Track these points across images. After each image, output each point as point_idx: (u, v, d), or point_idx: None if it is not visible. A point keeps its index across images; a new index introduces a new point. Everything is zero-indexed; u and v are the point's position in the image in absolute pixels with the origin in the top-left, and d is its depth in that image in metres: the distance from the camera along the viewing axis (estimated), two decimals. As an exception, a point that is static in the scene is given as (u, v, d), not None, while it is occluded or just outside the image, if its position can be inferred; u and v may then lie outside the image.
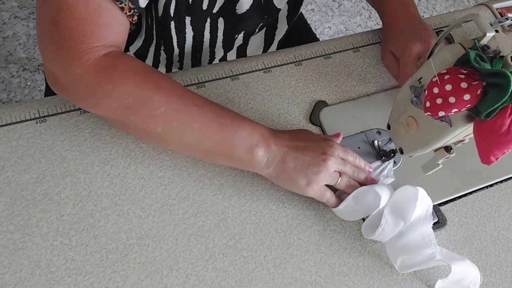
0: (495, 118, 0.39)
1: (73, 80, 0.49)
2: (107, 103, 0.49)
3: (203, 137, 0.51)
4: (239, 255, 0.54)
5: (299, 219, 0.57)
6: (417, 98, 0.48)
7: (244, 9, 0.64)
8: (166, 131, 0.50)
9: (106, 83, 0.48)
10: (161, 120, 0.50)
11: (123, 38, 0.53)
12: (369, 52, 0.71)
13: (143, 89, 0.49)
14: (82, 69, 0.48)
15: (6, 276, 0.48)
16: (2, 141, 0.55)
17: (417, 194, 0.53)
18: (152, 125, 0.50)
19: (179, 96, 0.51)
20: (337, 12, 1.78)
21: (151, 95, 0.49)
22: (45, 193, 0.53)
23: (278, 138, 0.54)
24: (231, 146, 0.52)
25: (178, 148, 0.54)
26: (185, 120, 0.50)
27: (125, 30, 0.52)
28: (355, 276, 0.55)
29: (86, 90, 0.49)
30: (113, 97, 0.49)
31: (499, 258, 0.60)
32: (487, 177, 0.65)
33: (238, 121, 0.53)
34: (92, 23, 0.47)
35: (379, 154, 0.63)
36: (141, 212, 0.54)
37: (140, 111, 0.50)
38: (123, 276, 0.50)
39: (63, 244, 0.51)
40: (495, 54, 0.41)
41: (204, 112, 0.51)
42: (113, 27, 0.49)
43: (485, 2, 0.81)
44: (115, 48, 0.51)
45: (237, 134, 0.52)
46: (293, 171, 0.53)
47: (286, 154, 0.53)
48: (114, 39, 0.50)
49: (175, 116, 0.50)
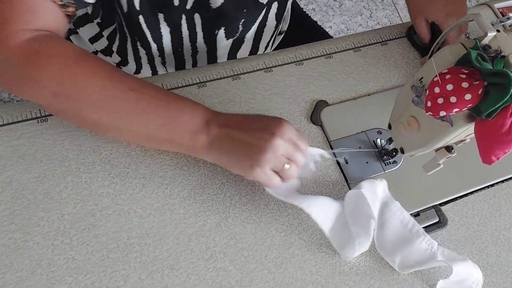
0: (496, 118, 0.39)
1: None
2: (34, 90, 0.47)
3: (142, 123, 0.48)
4: (239, 254, 0.54)
5: (300, 219, 0.57)
6: (418, 97, 0.48)
7: (218, 2, 0.61)
8: (102, 118, 0.48)
9: (31, 68, 0.46)
10: (96, 107, 0.47)
11: (57, 27, 0.50)
12: (370, 52, 0.71)
13: (73, 75, 0.46)
14: (7, 54, 0.46)
15: (7, 275, 0.48)
16: (3, 141, 0.55)
17: (362, 193, 0.53)
18: (86, 112, 0.47)
19: (114, 81, 0.48)
20: (338, 12, 1.78)
21: (83, 80, 0.46)
22: (46, 192, 0.53)
23: (220, 120, 0.50)
24: (172, 131, 0.49)
25: (117, 135, 0.52)
26: (121, 106, 0.48)
27: (59, 18, 0.49)
28: (356, 275, 0.55)
29: (12, 76, 0.47)
30: (41, 84, 0.46)
31: (500, 258, 0.60)
32: (488, 177, 0.65)
33: (178, 104, 0.50)
34: (17, 8, 0.45)
35: (380, 153, 0.63)
36: (142, 211, 0.54)
37: (71, 98, 0.46)
38: (124, 275, 0.51)
39: (64, 244, 0.51)
40: (497, 54, 0.41)
41: (141, 97, 0.48)
42: (41, 13, 0.47)
43: (487, 1, 0.81)
44: (44, 32, 0.48)
45: (177, 119, 0.49)
46: (236, 153, 0.49)
47: (228, 136, 0.49)
48: (42, 24, 0.47)
49: (109, 103, 0.47)
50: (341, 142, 0.63)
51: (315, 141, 0.62)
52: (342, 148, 0.60)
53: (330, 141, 0.63)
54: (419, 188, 0.62)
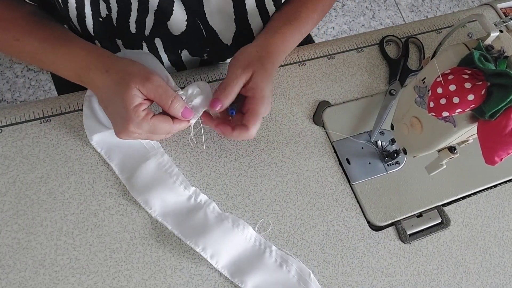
0: (500, 119, 0.39)
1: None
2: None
3: (34, 64, 0.55)
4: (242, 255, 0.54)
5: (302, 219, 0.57)
6: (421, 98, 0.48)
7: (178, 31, 0.59)
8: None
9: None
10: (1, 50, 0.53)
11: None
12: (372, 52, 0.71)
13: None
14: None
15: (10, 275, 0.49)
16: (7, 141, 0.55)
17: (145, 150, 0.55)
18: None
19: (2, 31, 0.52)
20: (341, 12, 1.78)
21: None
22: (49, 192, 0.53)
23: (90, 85, 0.52)
24: (57, 73, 0.54)
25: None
26: (14, 55, 0.54)
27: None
28: (358, 276, 0.55)
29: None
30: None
31: (503, 259, 0.60)
32: (491, 177, 0.65)
33: (57, 55, 0.52)
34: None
35: (383, 154, 0.63)
36: (145, 212, 0.54)
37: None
38: (127, 275, 0.51)
39: (67, 244, 0.51)
40: (500, 54, 0.41)
41: (23, 47, 0.52)
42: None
43: (489, 2, 0.81)
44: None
45: (57, 72, 0.53)
46: (105, 112, 0.52)
47: (98, 96, 0.52)
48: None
49: (5, 52, 0.54)
50: (343, 142, 0.63)
51: (317, 142, 0.62)
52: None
53: (332, 142, 0.63)
54: (421, 188, 0.62)
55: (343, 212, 0.59)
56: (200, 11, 0.57)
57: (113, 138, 0.55)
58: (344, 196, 0.60)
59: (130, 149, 0.56)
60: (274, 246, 0.54)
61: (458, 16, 0.78)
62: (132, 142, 0.56)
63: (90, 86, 0.52)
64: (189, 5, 0.56)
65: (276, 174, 0.59)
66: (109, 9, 0.55)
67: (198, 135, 0.59)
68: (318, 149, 0.62)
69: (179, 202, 0.54)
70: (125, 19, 0.56)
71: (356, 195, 0.60)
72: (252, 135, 0.52)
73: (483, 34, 0.43)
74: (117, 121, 0.50)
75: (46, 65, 0.54)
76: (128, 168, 0.55)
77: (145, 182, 0.54)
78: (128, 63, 0.50)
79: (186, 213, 0.54)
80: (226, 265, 0.52)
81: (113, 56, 0.51)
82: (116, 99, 0.48)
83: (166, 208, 0.53)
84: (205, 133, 0.60)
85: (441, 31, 0.75)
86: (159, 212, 0.53)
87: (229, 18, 0.59)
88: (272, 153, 0.60)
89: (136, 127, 0.48)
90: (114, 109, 0.49)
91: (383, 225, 0.59)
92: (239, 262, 0.52)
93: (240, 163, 0.59)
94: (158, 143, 0.57)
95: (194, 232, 0.52)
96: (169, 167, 0.56)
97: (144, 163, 0.55)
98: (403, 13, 1.83)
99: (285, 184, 0.59)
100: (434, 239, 0.59)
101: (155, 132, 0.50)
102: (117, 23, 0.57)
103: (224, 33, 0.62)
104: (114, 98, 0.49)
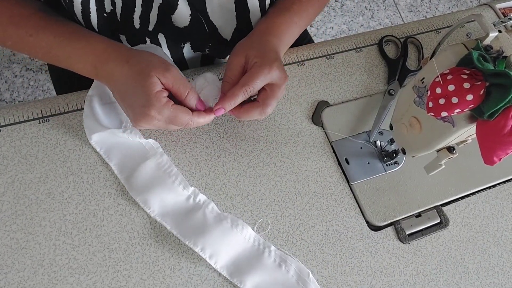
0: (498, 119, 0.39)
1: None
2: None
3: (46, 60, 0.55)
4: (241, 255, 0.54)
5: (301, 219, 0.57)
6: (420, 98, 0.48)
7: (182, 24, 0.60)
8: (17, 50, 0.56)
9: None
10: (12, 47, 0.55)
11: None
12: (371, 52, 0.71)
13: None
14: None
15: (9, 275, 0.48)
16: (5, 141, 0.55)
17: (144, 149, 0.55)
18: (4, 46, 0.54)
19: (15, 27, 0.53)
20: (340, 12, 1.78)
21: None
22: (48, 192, 0.53)
23: (106, 78, 0.52)
24: (72, 67, 0.54)
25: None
26: (26, 52, 0.55)
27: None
28: (357, 276, 0.55)
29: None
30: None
31: (502, 258, 0.60)
32: (490, 177, 0.65)
33: (74, 48, 0.53)
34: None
35: (382, 154, 0.63)
36: (143, 211, 0.54)
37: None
38: (126, 275, 0.51)
39: (66, 244, 0.51)
40: (498, 54, 0.41)
41: (38, 43, 0.53)
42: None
43: (488, 2, 0.81)
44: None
45: (71, 67, 0.54)
46: (121, 104, 0.53)
47: (114, 89, 0.53)
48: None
49: (17, 48, 0.56)
50: (342, 142, 0.63)
51: (316, 142, 0.62)
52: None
53: (331, 142, 0.63)
54: (420, 188, 0.62)
55: (342, 212, 0.59)
56: (202, 5, 0.58)
57: (113, 137, 0.55)
58: (343, 196, 0.60)
59: (129, 149, 0.56)
60: (273, 246, 0.54)
61: (457, 16, 0.78)
62: (131, 142, 0.56)
63: (106, 79, 0.52)
64: (192, 0, 0.57)
65: (275, 174, 0.59)
66: (113, 4, 0.55)
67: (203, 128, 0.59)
68: (317, 149, 0.62)
69: (178, 202, 0.54)
70: (129, 14, 0.57)
71: (355, 195, 0.60)
72: (268, 108, 0.54)
73: (482, 34, 0.43)
74: (135, 110, 0.50)
75: (60, 60, 0.54)
76: (127, 168, 0.55)
77: (144, 182, 0.54)
78: (148, 55, 0.51)
79: (185, 213, 0.54)
80: (225, 265, 0.52)
81: (131, 49, 0.53)
82: (137, 88, 0.49)
83: (165, 208, 0.53)
84: (204, 133, 0.60)
85: (440, 31, 0.76)
86: (158, 212, 0.53)
87: (230, 14, 0.60)
88: (271, 153, 0.60)
89: (157, 112, 0.49)
90: (134, 99, 0.50)
91: (382, 225, 0.59)
92: (238, 262, 0.52)
93: (239, 163, 0.59)
94: (157, 143, 0.57)
95: (193, 232, 0.52)
96: (168, 167, 0.56)
97: (143, 163, 0.55)
98: (402, 13, 1.83)
99: (284, 184, 0.59)
100: (433, 239, 0.59)
101: (174, 121, 0.50)
102: (121, 18, 0.57)
103: (223, 29, 0.62)
104: (134, 88, 0.50)
